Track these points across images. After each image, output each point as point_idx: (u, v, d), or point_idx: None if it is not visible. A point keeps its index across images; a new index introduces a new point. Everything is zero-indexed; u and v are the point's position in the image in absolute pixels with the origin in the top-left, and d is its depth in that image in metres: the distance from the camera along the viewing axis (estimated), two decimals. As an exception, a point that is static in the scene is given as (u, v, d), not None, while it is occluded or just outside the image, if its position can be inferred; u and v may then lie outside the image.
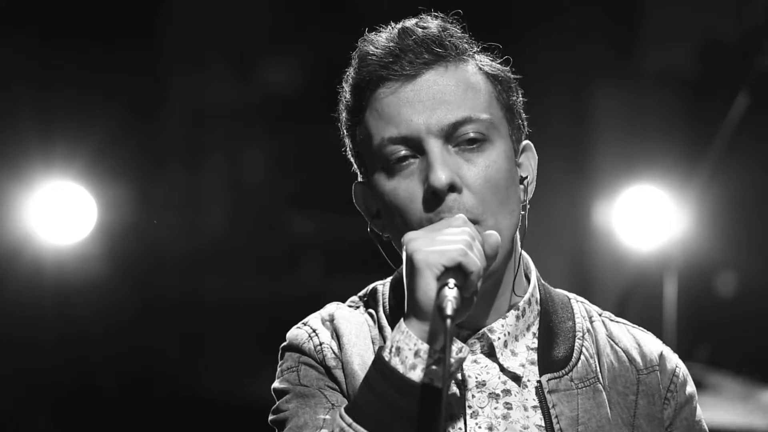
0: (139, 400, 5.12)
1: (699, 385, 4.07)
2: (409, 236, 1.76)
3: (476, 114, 1.85)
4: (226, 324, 5.26)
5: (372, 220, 1.94)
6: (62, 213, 4.83)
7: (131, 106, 5.01)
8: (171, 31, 5.28)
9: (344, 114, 1.93)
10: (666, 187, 4.96)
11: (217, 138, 5.37)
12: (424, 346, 1.72)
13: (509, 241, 1.88)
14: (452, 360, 1.75)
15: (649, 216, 4.99)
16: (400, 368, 1.72)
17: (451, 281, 1.70)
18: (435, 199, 1.81)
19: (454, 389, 1.87)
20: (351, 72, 1.91)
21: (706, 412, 2.05)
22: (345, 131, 1.94)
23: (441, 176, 1.80)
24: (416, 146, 1.83)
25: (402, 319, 1.75)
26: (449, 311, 1.67)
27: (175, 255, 5.18)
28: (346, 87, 1.92)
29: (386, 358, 1.73)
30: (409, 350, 1.72)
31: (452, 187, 1.81)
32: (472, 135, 1.84)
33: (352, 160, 1.96)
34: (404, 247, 1.75)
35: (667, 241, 4.77)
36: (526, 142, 1.95)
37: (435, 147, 1.82)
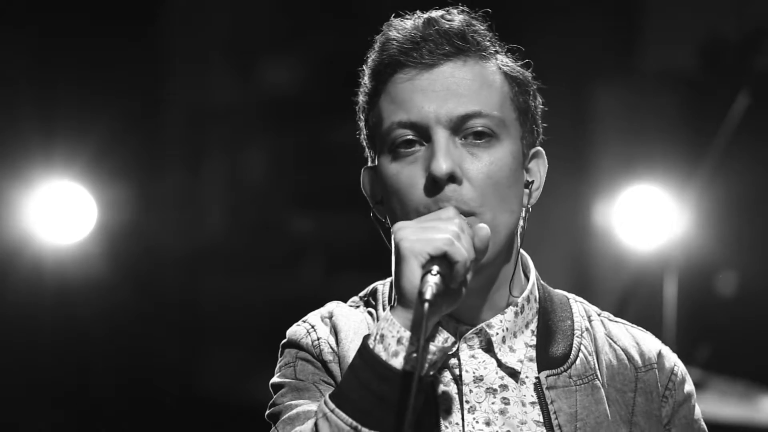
0: (139, 400, 5.12)
1: (698, 387, 4.07)
2: (398, 225, 1.77)
3: (487, 110, 1.86)
4: (226, 324, 5.26)
5: (375, 206, 1.96)
6: (62, 213, 4.83)
7: (131, 106, 5.01)
8: (171, 31, 5.28)
9: (361, 97, 1.95)
10: (666, 187, 4.96)
11: (217, 138, 5.37)
12: (407, 334, 1.73)
13: (506, 239, 1.88)
14: (435, 348, 1.75)
15: (649, 216, 4.99)
16: (383, 355, 1.73)
17: (435, 268, 1.71)
18: (434, 187, 1.82)
19: (451, 384, 1.87)
20: (372, 55, 1.92)
21: (706, 410, 2.05)
22: (360, 115, 1.96)
23: (442, 165, 1.81)
24: (423, 134, 1.84)
25: (388, 308, 1.77)
26: (428, 295, 1.68)
27: (175, 255, 5.18)
28: (366, 70, 1.93)
29: (370, 346, 1.74)
30: (392, 337, 1.73)
31: (452, 178, 1.82)
32: (480, 129, 1.85)
33: (363, 144, 1.98)
34: (393, 236, 1.77)
35: (667, 241, 4.76)
36: (538, 148, 1.97)
37: (441, 137, 1.83)
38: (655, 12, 5.49)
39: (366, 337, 1.76)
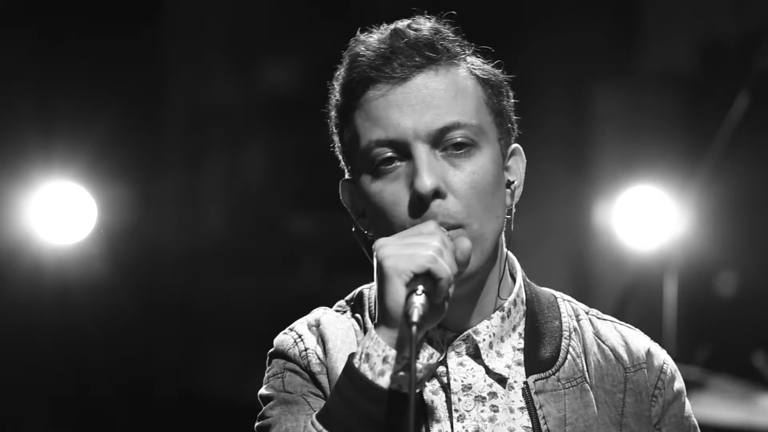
0: (139, 400, 5.12)
1: (699, 386, 4.06)
2: (380, 242, 1.75)
3: (465, 119, 1.83)
4: (226, 324, 5.26)
5: (357, 219, 1.94)
6: (62, 213, 4.83)
7: (131, 106, 5.01)
8: (171, 30, 5.28)
9: (333, 112, 1.93)
10: (666, 187, 4.96)
11: (217, 138, 5.37)
12: (392, 353, 1.71)
13: (492, 245, 1.86)
14: (421, 366, 1.73)
15: (649, 216, 4.99)
16: (369, 374, 1.71)
17: (420, 288, 1.68)
18: (420, 205, 1.80)
19: (440, 392, 1.86)
20: (341, 71, 1.90)
21: (706, 410, 2.05)
22: (333, 129, 1.94)
23: (426, 182, 1.79)
24: (403, 150, 1.82)
25: (373, 326, 1.75)
26: (415, 318, 1.65)
27: (175, 255, 5.18)
28: (336, 86, 1.91)
29: (356, 365, 1.72)
30: (378, 356, 1.71)
31: (437, 193, 1.80)
32: (459, 140, 1.83)
33: (339, 156, 1.95)
34: (375, 253, 1.74)
35: (667, 241, 4.76)
36: (515, 145, 1.94)
37: (422, 152, 1.81)
38: (655, 12, 5.50)
39: (351, 356, 1.74)
